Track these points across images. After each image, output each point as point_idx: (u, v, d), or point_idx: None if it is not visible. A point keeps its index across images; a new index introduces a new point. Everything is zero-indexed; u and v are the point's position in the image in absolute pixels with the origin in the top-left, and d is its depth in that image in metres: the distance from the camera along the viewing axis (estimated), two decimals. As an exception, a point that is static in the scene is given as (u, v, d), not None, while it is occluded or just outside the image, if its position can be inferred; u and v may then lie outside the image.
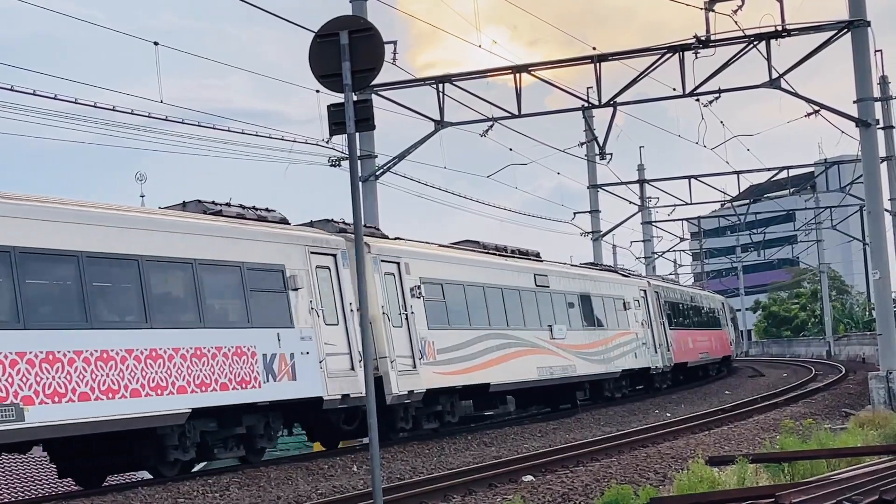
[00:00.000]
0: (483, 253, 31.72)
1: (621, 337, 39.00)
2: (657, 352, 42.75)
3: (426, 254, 27.76)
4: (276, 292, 21.77)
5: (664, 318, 44.74)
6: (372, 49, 11.93)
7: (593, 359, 36.05)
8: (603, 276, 40.22)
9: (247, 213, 22.56)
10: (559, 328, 33.54)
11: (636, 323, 41.01)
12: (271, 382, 20.90)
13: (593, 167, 55.91)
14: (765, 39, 30.69)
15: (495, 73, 33.59)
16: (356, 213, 12.27)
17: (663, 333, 44.17)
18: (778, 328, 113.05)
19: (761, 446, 20.40)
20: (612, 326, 38.51)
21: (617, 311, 39.49)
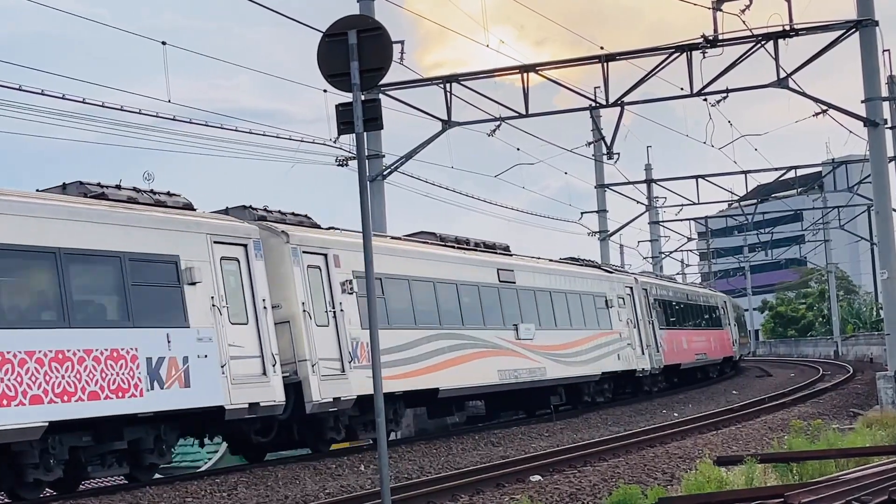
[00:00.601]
0: (438, 245, 29.19)
1: (602, 337, 36.19)
2: (644, 353, 39.92)
3: (360, 245, 25.17)
4: (168, 287, 19.03)
5: (653, 316, 42.10)
6: (380, 48, 11.93)
7: (568, 361, 33.34)
8: (581, 272, 37.41)
9: (140, 196, 19.87)
10: (526, 328, 31.00)
11: (620, 322, 38.14)
12: (157, 390, 18.15)
13: (601, 167, 55.89)
14: (772, 39, 30.68)
15: (503, 73, 33.59)
16: (364, 212, 12.27)
17: (651, 333, 41.33)
18: (785, 328, 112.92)
19: (769, 446, 20.37)
20: (592, 326, 35.80)
21: (598, 310, 36.69)
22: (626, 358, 38.02)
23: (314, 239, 23.12)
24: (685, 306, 49.29)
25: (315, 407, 21.78)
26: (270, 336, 20.78)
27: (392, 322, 24.81)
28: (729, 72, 31.72)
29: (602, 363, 35.75)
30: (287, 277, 21.86)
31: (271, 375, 20.59)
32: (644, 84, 32.51)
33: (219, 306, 19.83)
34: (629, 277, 41.91)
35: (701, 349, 50.21)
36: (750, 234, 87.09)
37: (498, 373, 29.07)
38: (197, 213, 20.84)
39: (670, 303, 46.47)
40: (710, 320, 54.96)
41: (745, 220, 74.32)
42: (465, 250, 30.18)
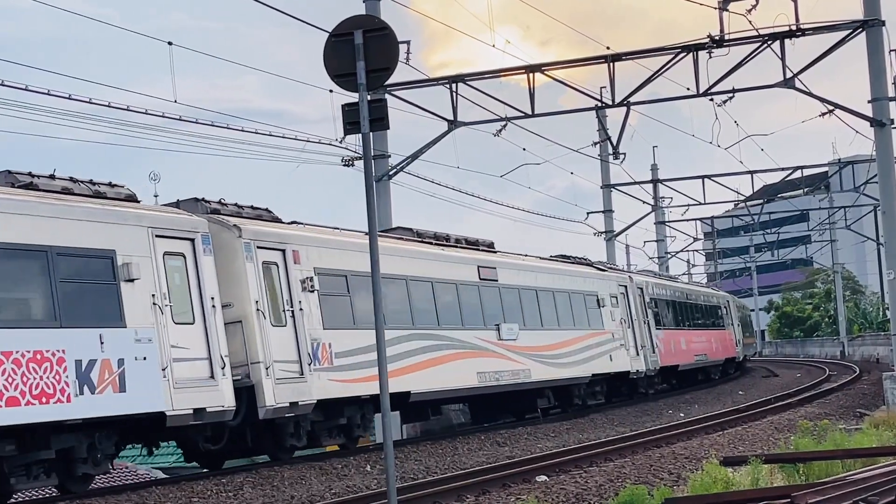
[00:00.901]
0: (414, 241, 27.70)
1: (593, 337, 34.65)
2: (639, 354, 38.35)
3: (324, 240, 23.49)
4: (102, 284, 17.62)
5: (649, 316, 40.52)
6: (386, 49, 11.93)
7: (555, 362, 31.82)
8: (571, 270, 35.73)
9: (76, 187, 18.47)
10: (509, 328, 29.54)
11: (613, 322, 36.55)
12: (87, 395, 16.72)
13: (606, 167, 55.90)
14: (779, 39, 30.66)
15: (509, 73, 33.61)
16: (370, 212, 12.27)
17: (646, 333, 39.78)
18: (791, 328, 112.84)
19: (776, 447, 20.36)
20: (582, 325, 34.27)
21: (588, 309, 35.13)
22: (618, 359, 36.56)
23: (270, 233, 21.72)
24: (684, 306, 47.84)
25: (269, 412, 20.38)
26: (219, 337, 19.43)
27: (359, 322, 23.19)
28: (735, 72, 31.73)
29: (592, 364, 34.32)
30: (239, 274, 20.56)
31: (220, 379, 19.21)
32: (650, 84, 32.51)
33: (161, 305, 18.49)
34: (623, 276, 40.32)
35: (701, 350, 48.82)
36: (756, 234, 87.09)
37: (477, 375, 27.65)
38: (140, 205, 19.43)
39: (668, 302, 45.01)
40: (712, 320, 53.38)
41: (751, 221, 74.28)
42: (444, 247, 28.69)
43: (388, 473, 12.01)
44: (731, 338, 56.73)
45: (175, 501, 17.16)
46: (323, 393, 21.75)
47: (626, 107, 33.62)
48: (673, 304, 45.66)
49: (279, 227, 22.46)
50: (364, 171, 12.20)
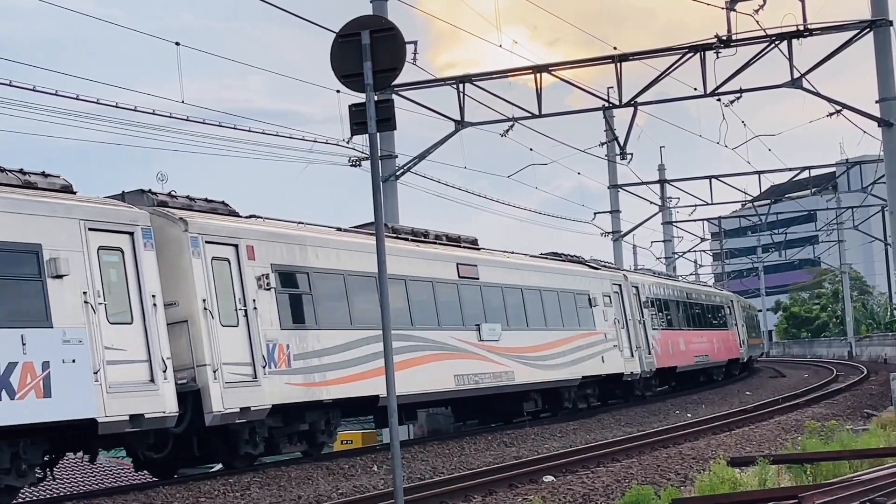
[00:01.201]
0: (388, 237, 25.19)
1: (584, 338, 33.05)
2: (633, 355, 36.71)
3: (282, 235, 21.90)
4: (25, 280, 16.33)
5: (645, 316, 38.88)
6: (393, 49, 11.93)
7: (541, 364, 30.38)
8: (560, 268, 34.00)
9: (2, 176, 17.21)
10: (491, 328, 28.13)
11: (605, 322, 34.95)
12: (5, 401, 15.46)
13: (614, 167, 55.89)
14: (786, 39, 30.66)
15: (516, 73, 33.63)
16: (377, 213, 12.28)
17: (642, 334, 38.12)
18: (799, 329, 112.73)
19: (783, 447, 20.33)
20: (571, 326, 32.70)
21: (579, 309, 33.50)
22: (611, 360, 34.91)
23: (221, 227, 20.29)
24: (684, 306, 46.20)
25: (216, 418, 19.06)
26: (161, 337, 18.08)
27: (322, 322, 21.90)
28: (742, 72, 31.71)
29: (583, 366, 32.74)
30: (185, 271, 19.25)
31: (161, 383, 17.88)
32: (657, 84, 32.55)
33: (93, 303, 17.10)
34: (617, 274, 38.59)
35: (702, 351, 47.32)
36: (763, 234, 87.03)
37: (454, 378, 26.21)
38: (74, 196, 18.01)
39: (666, 302, 43.29)
40: (714, 320, 51.58)
41: (758, 221, 74.20)
42: (421, 243, 27.15)
43: (394, 474, 12.02)
44: (734, 338, 55.11)
45: (182, 501, 17.18)
46: (279, 397, 20.38)
47: (634, 107, 33.64)
48: (671, 303, 44.10)
49: (232, 221, 21.09)
50: (371, 171, 12.20)
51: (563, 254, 36.96)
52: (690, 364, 45.41)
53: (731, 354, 53.67)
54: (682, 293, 46.98)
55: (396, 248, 25.20)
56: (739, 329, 56.88)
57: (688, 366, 44.99)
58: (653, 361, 38.82)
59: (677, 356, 42.89)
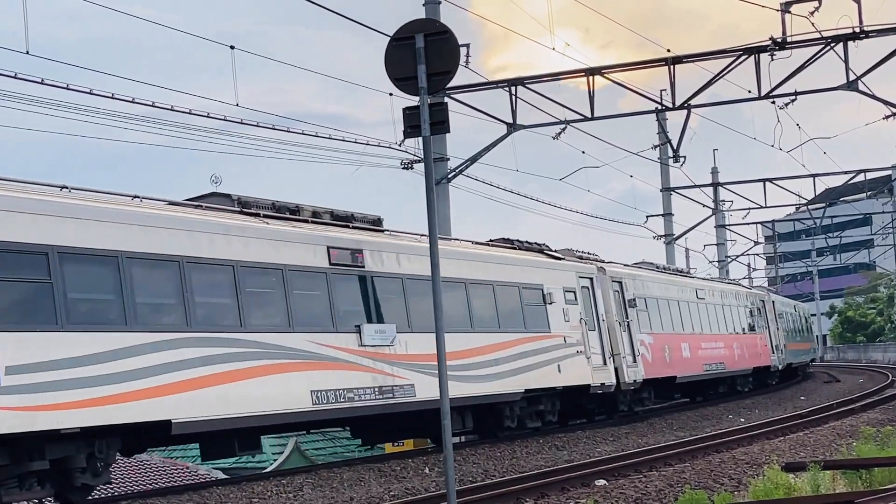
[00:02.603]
0: (231, 212, 20.35)
1: (530, 342, 27.13)
2: (608, 363, 30.53)
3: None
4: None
5: (630, 317, 32.84)
6: (447, 52, 11.97)
7: (462, 375, 24.17)
8: (501, 257, 27.62)
9: None
10: (378, 330, 22.09)
11: (566, 323, 28.79)
12: None
13: (666, 170, 55.69)
14: (842, 41, 30.42)
15: (568, 76, 33.60)
16: (431, 215, 12.30)
17: (624, 338, 32.02)
18: (854, 333, 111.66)
19: (838, 453, 20.15)
20: (512, 327, 26.72)
21: (525, 306, 27.45)
22: (573, 369, 28.70)
23: None
24: (690, 305, 39.90)
25: None
26: None
27: (69, 322, 16.10)
28: (797, 74, 31.49)
29: (527, 377, 26.73)
30: None
31: None
32: (711, 86, 32.40)
33: None
34: (588, 266, 31.35)
35: (715, 358, 40.99)
36: (818, 238, 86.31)
37: (312, 394, 20.13)
38: None
39: (663, 300, 36.96)
40: (735, 323, 44.75)
41: (813, 224, 73.59)
42: (276, 220, 21.15)
43: (447, 476, 12.04)
44: (763, 343, 48.17)
45: (236, 502, 17.31)
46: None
47: (687, 109, 33.50)
48: (671, 303, 37.85)
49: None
50: (425, 174, 12.23)
51: (517, 240, 29.98)
52: (697, 373, 38.92)
53: (758, 362, 46.97)
54: (687, 291, 40.39)
55: (222, 225, 19.49)
56: (773, 333, 50.32)
57: (693, 375, 38.44)
58: (639, 371, 32.53)
59: (677, 364, 36.74)
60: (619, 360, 31.33)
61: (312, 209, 22.43)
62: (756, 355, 46.53)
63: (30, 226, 15.72)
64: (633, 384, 32.23)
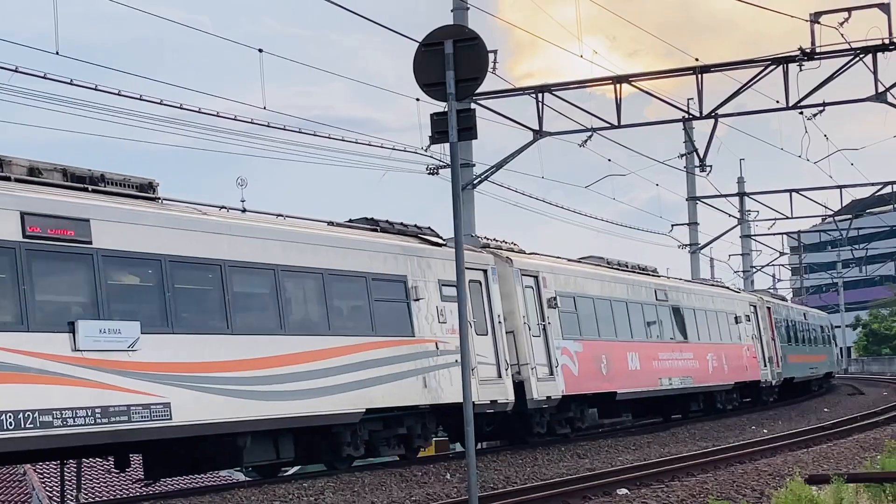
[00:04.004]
0: None
1: (382, 349, 21.43)
2: (503, 375, 24.85)
3: None
4: None
5: (549, 319, 27.13)
6: (476, 59, 12.00)
7: (264, 390, 18.70)
8: (337, 238, 21.45)
9: None
10: (105, 329, 16.44)
11: (442, 325, 23.27)
12: None
13: (692, 179, 55.55)
14: (871, 52, 30.31)
15: (596, 84, 33.56)
16: (457, 220, 12.31)
17: (536, 345, 26.37)
18: (878, 346, 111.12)
19: (861, 466, 20.04)
20: (351, 328, 21.26)
21: (377, 302, 21.63)
22: (449, 384, 22.99)
23: None
24: (646, 308, 33.46)
25: None
26: None
27: None
28: (826, 85, 31.40)
29: (373, 393, 21.12)
30: None
31: None
32: (738, 96, 32.31)
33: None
34: (479, 255, 25.49)
35: (680, 370, 34.64)
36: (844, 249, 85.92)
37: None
38: None
39: (603, 301, 30.70)
40: (713, 330, 38.18)
41: (839, 236, 73.26)
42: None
43: (469, 482, 12.04)
44: (751, 354, 41.51)
45: (257, 504, 17.35)
46: None
47: (714, 119, 33.41)
48: (615, 304, 31.41)
49: None
50: (451, 180, 12.25)
51: (386, 221, 23.88)
52: (650, 388, 32.67)
53: (743, 376, 40.45)
54: (641, 291, 33.65)
55: None
56: (766, 342, 43.62)
57: (643, 391, 32.22)
58: (557, 385, 26.82)
59: (619, 377, 30.42)
60: (525, 372, 25.70)
61: (30, 165, 16.91)
62: (740, 368, 40.19)
63: None
64: (547, 401, 26.40)
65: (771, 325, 45.08)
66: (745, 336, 41.28)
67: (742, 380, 40.43)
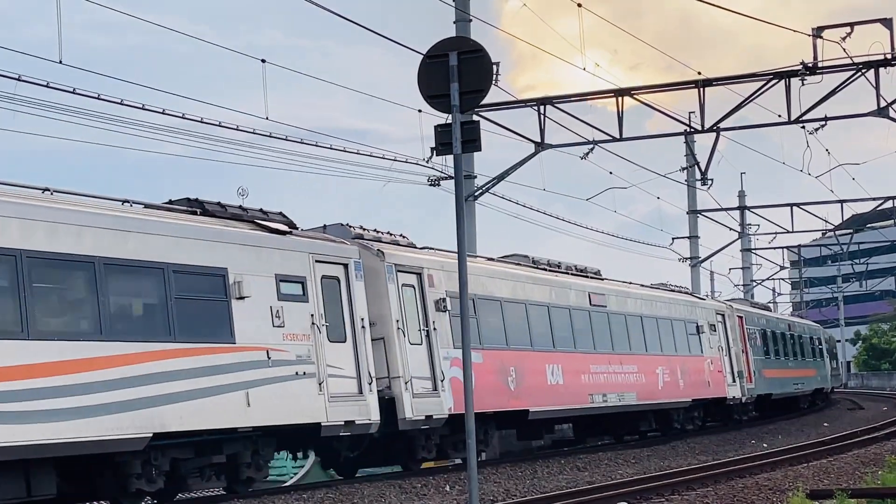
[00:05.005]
0: None
1: (179, 358, 17.13)
2: (365, 390, 20.61)
3: None
4: None
5: (428, 324, 22.88)
6: (480, 71, 11.99)
7: None
8: (117, 219, 16.99)
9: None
10: None
11: (277, 329, 19.02)
12: None
13: (693, 192, 55.58)
14: (873, 67, 30.35)
15: (597, 96, 33.57)
16: (460, 232, 12.30)
17: (415, 354, 22.35)
18: (878, 361, 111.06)
19: (862, 481, 20.01)
20: (140, 332, 16.99)
21: (179, 301, 17.35)
22: (285, 401, 18.97)
23: None
24: (574, 314, 29.15)
25: None
26: None
27: None
28: (828, 99, 31.42)
29: (165, 413, 16.86)
30: None
31: None
32: (740, 110, 32.34)
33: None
34: (337, 247, 21.15)
35: (618, 385, 30.55)
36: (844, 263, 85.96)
37: None
38: None
39: (515, 304, 26.48)
40: (665, 340, 34.15)
41: (839, 250, 73.28)
42: None
43: (471, 495, 12.01)
44: (716, 368, 37.27)
45: (256, 515, 17.30)
46: None
47: (716, 132, 33.44)
48: (530, 307, 27.15)
49: None
50: (455, 191, 12.23)
51: (212, 202, 19.54)
52: (577, 406, 28.71)
53: (704, 392, 36.22)
54: (570, 294, 29.33)
55: None
56: (735, 355, 39.51)
57: (565, 409, 28.30)
58: (443, 402, 22.83)
59: (532, 393, 26.30)
60: (397, 387, 21.77)
61: None
62: (700, 383, 35.97)
63: None
64: (427, 421, 22.50)
65: (743, 335, 40.85)
66: (708, 348, 37.11)
67: (702, 396, 36.13)
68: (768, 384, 43.18)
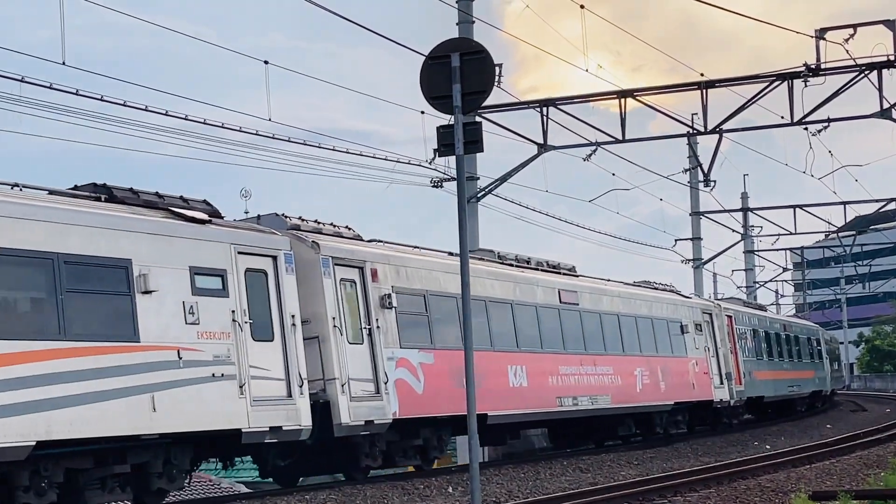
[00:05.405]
0: None
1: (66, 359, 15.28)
2: (295, 393, 18.88)
3: None
4: None
5: (371, 321, 21.20)
6: (483, 72, 12.01)
7: None
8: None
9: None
10: None
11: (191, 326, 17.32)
12: None
13: (696, 194, 55.60)
14: (876, 69, 30.34)
15: (600, 98, 33.58)
16: (462, 233, 12.30)
17: (355, 354, 20.72)
18: (881, 363, 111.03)
19: (865, 482, 19.99)
20: (5, 332, 14.92)
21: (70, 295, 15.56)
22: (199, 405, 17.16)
23: None
24: (542, 311, 27.47)
25: None
26: None
27: None
28: (831, 101, 31.41)
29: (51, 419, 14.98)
30: None
31: None
32: (743, 111, 32.34)
33: None
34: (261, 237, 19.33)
35: (591, 388, 28.81)
36: (847, 265, 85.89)
37: None
38: None
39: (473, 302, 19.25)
40: (646, 340, 32.51)
41: (842, 252, 73.24)
42: None
43: (473, 496, 12.01)
44: (701, 370, 35.53)
45: (259, 516, 17.30)
46: None
47: (719, 134, 33.44)
48: (490, 305, 25.39)
49: None
50: (458, 193, 12.25)
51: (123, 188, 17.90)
52: (543, 409, 27.03)
53: (688, 395, 34.63)
54: (539, 291, 27.79)
55: None
56: (723, 356, 37.83)
57: (528, 413, 26.50)
58: (387, 406, 21.18)
59: (491, 396, 24.08)
60: (332, 390, 20.04)
61: None
62: (684, 385, 34.24)
63: None
64: (367, 427, 20.74)
65: (732, 336, 39.15)
66: (693, 348, 35.26)
67: (686, 399, 34.36)
68: (760, 386, 41.75)
